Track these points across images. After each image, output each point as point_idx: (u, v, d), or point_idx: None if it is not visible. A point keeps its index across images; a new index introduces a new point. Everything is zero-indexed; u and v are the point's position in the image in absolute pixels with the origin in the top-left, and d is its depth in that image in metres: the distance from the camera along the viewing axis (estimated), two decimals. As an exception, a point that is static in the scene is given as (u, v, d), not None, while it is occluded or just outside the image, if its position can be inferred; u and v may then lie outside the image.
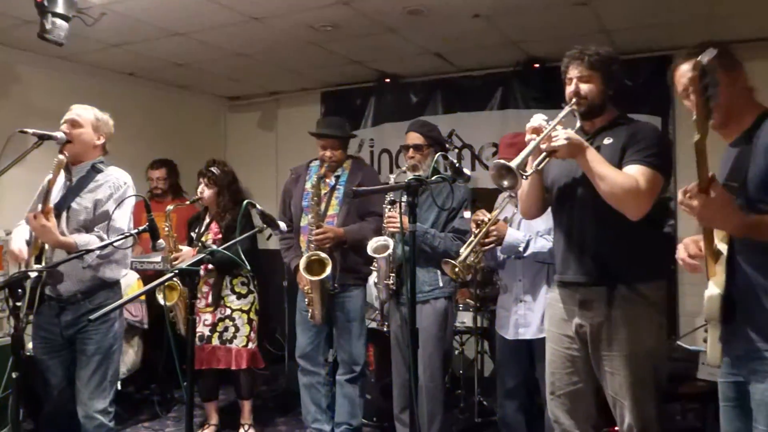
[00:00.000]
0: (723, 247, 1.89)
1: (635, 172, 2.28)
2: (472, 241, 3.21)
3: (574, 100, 2.46)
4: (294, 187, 3.96)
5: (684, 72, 1.98)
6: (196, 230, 4.19)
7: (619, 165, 2.35)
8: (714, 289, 1.86)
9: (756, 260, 1.85)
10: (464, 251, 3.20)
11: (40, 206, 2.87)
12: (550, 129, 2.32)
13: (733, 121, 1.95)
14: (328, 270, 3.59)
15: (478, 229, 3.22)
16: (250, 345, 4.09)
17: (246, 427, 4.23)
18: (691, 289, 4.67)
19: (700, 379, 3.75)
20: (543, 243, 3.15)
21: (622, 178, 2.26)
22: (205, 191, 4.10)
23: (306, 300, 3.77)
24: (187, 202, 4.29)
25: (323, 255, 3.61)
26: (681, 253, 2.01)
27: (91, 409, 2.99)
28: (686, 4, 3.95)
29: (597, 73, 2.45)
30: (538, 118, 2.39)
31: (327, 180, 3.84)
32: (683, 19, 4.17)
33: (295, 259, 3.79)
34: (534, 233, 3.20)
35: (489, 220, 3.22)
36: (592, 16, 4.21)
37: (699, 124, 1.61)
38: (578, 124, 2.49)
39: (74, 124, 3.06)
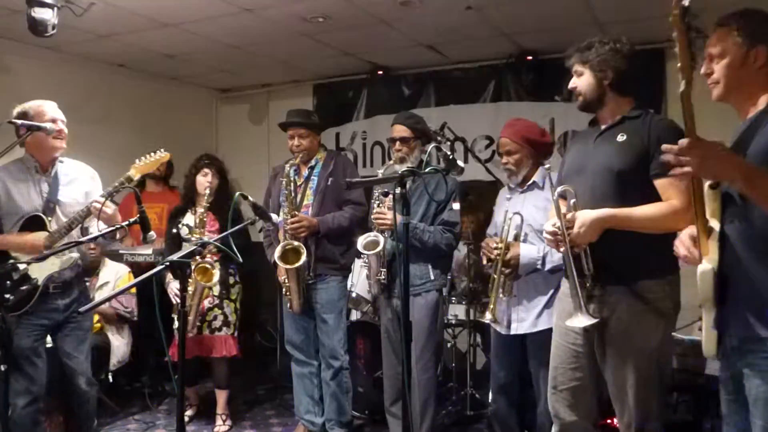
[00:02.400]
0: (715, 224, 1.80)
1: (669, 190, 2.27)
2: (495, 280, 3.11)
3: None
4: (273, 185, 3.98)
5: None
6: (185, 223, 4.09)
7: (636, 163, 2.33)
8: (707, 264, 1.78)
9: (745, 232, 1.74)
10: (492, 295, 3.13)
11: (101, 197, 2.96)
12: (563, 234, 2.37)
13: (748, 100, 1.83)
14: (303, 258, 3.59)
15: (492, 264, 3.11)
16: (235, 333, 4.13)
17: (224, 417, 4.22)
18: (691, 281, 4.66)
19: (692, 371, 3.76)
20: (559, 255, 3.01)
21: (660, 214, 2.26)
22: (214, 182, 4.06)
23: (284, 289, 3.78)
24: (207, 193, 4.02)
25: (296, 243, 3.62)
26: (680, 249, 1.93)
27: (91, 376, 3.35)
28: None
29: (588, 65, 2.44)
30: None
31: (302, 171, 3.87)
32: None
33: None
34: (531, 230, 3.13)
35: (499, 247, 3.08)
36: (584, 8, 4.20)
37: (683, 71, 1.47)
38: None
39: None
